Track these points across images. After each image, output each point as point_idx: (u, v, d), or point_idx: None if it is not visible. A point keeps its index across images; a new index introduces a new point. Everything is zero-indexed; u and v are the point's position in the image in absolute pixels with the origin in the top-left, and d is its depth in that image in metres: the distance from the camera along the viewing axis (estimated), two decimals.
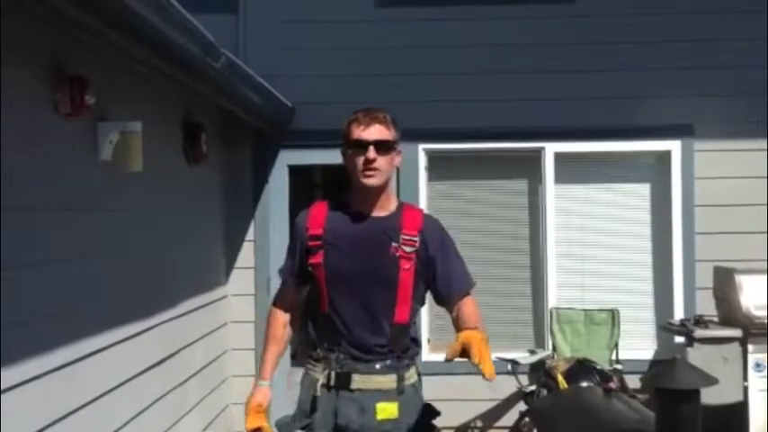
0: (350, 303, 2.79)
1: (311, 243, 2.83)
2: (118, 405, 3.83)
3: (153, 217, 4.44)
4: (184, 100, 4.89)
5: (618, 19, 6.23)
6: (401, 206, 2.92)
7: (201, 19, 3.77)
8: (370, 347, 2.78)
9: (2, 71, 2.84)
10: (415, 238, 2.82)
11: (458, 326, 2.80)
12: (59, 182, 3.33)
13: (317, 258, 2.81)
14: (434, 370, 4.74)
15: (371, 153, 2.76)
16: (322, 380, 2.79)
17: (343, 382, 2.79)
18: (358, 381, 2.78)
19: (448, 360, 2.53)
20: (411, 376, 2.85)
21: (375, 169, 2.78)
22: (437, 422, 2.88)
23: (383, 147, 2.79)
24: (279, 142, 6.24)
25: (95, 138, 3.59)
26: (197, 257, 5.43)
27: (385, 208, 2.87)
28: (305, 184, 7.74)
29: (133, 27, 3.10)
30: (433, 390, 3.49)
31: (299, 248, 2.88)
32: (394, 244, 2.79)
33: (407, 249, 2.80)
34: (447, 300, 2.89)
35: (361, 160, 2.77)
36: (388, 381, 2.79)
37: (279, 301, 3.01)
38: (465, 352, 2.49)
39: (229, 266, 6.18)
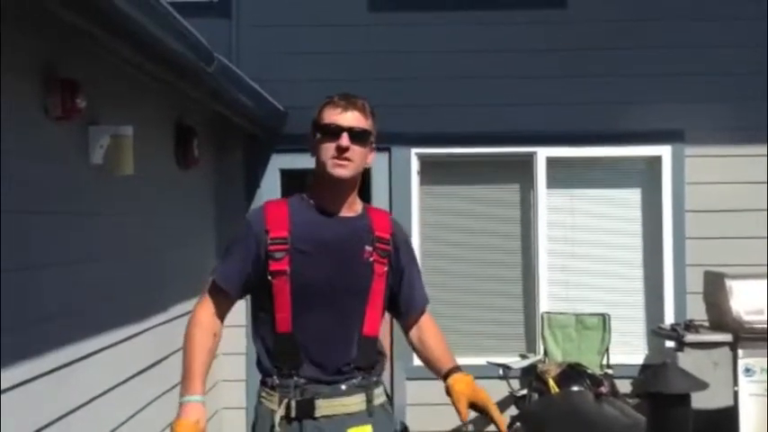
0: (320, 318, 2.43)
1: (273, 247, 2.42)
2: (112, 408, 3.83)
3: (144, 221, 4.43)
4: (176, 104, 4.89)
5: (609, 24, 6.25)
6: (365, 208, 2.60)
7: (194, 23, 3.77)
8: (338, 367, 2.44)
9: (1, 75, 2.85)
10: (389, 241, 2.54)
11: (428, 357, 2.61)
12: (50, 185, 3.32)
13: (282, 265, 2.41)
14: (423, 375, 4.73)
15: (345, 140, 2.43)
16: (280, 411, 2.39)
17: (305, 411, 2.39)
18: (322, 406, 2.40)
19: (465, 421, 2.49)
20: (380, 395, 2.52)
21: (347, 159, 2.44)
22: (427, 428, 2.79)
23: (359, 136, 2.46)
24: (271, 146, 6.24)
25: (86, 141, 3.58)
26: (189, 261, 5.42)
27: (353, 208, 2.54)
28: (297, 189, 7.74)
29: (126, 30, 3.11)
30: (423, 394, 3.50)
31: (253, 252, 2.45)
32: (367, 247, 2.49)
33: (381, 253, 2.51)
34: (406, 314, 2.64)
35: (332, 147, 2.44)
36: (356, 402, 2.45)
37: (210, 309, 2.48)
38: (474, 406, 2.49)
39: None
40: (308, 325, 2.42)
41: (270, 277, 2.42)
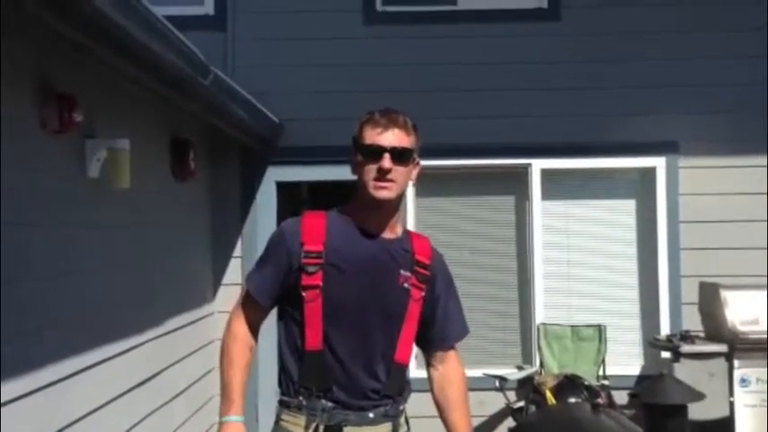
0: (347, 339, 2.37)
1: (307, 260, 2.36)
2: (106, 423, 3.81)
3: (140, 233, 4.43)
4: (173, 117, 4.90)
5: (604, 36, 6.28)
6: (406, 231, 2.56)
7: (190, 36, 3.78)
8: (365, 392, 2.39)
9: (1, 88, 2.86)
10: (428, 267, 2.49)
11: (445, 415, 2.59)
12: (47, 198, 3.32)
13: (315, 280, 2.35)
14: (421, 387, 4.74)
15: (387, 162, 2.35)
16: None
17: None
18: None
19: None
20: (403, 425, 2.51)
21: (390, 181, 2.37)
22: None
23: (401, 155, 2.38)
24: (267, 159, 6.24)
25: (83, 155, 3.59)
26: (184, 274, 5.41)
27: (394, 230, 2.47)
28: (293, 201, 7.74)
29: (121, 44, 3.12)
30: (420, 406, 3.49)
31: (284, 263, 2.39)
32: (403, 272, 2.43)
33: (420, 277, 2.45)
34: (433, 347, 2.59)
35: (373, 168, 2.36)
36: (383, 431, 2.43)
37: (245, 320, 2.46)
38: None
39: (216, 283, 6.17)
40: (337, 344, 2.37)
41: (302, 291, 2.36)
